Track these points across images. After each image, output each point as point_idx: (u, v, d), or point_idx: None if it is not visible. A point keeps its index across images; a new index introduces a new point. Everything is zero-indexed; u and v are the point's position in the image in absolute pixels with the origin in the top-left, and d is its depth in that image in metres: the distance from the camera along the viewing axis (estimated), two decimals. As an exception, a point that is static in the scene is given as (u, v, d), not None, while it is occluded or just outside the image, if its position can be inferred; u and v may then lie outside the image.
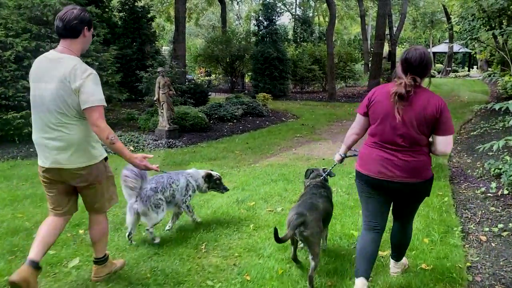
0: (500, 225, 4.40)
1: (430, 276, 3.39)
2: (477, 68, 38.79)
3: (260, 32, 20.43)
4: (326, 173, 3.88)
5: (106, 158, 3.13)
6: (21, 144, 8.33)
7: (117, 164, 5.03)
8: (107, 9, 17.29)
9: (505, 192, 5.28)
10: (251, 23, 34.71)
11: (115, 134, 2.92)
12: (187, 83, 16.72)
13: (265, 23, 20.37)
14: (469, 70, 37.25)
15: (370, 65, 22.28)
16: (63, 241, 4.06)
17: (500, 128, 9.42)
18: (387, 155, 2.88)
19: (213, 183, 4.50)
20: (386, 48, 29.64)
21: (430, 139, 2.91)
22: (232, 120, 11.86)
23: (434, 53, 42.43)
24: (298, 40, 32.55)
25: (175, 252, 3.83)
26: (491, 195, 5.36)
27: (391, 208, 3.18)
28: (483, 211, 4.89)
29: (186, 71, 26.50)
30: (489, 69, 23.63)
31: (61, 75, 2.79)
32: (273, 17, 20.47)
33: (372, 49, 22.43)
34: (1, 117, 8.15)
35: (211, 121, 11.50)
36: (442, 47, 38.43)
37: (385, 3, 18.48)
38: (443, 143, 2.83)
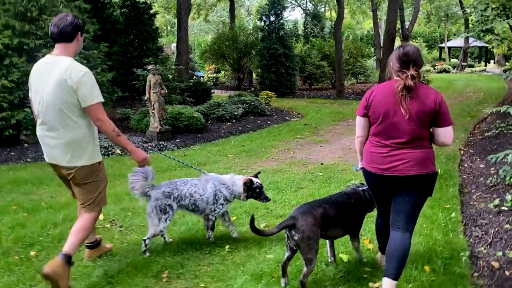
0: (516, 249, 3.77)
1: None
2: (494, 62, 37.57)
3: (266, 28, 19.76)
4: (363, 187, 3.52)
5: (100, 162, 3.31)
6: (1, 147, 7.87)
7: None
8: (108, 5, 16.87)
9: (522, 206, 4.63)
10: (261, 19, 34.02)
11: (118, 129, 3.22)
12: (191, 80, 16.17)
13: (272, 18, 19.69)
14: (485, 65, 36.03)
15: (381, 60, 21.48)
16: (7, 265, 3.56)
17: (518, 129, 8.70)
18: (391, 152, 2.90)
19: (253, 192, 3.98)
20: (398, 43, 28.75)
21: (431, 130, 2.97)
22: (231, 120, 11.26)
23: (449, 47, 41.27)
24: (308, 35, 31.79)
25: (131, 282, 3.30)
26: (506, 209, 4.70)
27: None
28: (496, 229, 4.26)
29: (195, 68, 26.03)
30: (507, 63, 22.65)
31: (58, 75, 2.99)
32: (280, 12, 19.79)
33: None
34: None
35: (209, 121, 10.94)
36: (458, 42, 37.26)
37: (396, -5, 17.67)
38: (444, 134, 2.91)
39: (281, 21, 19.89)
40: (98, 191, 3.29)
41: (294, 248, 3.11)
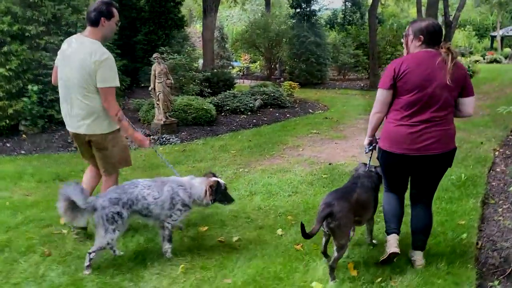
0: (540, 287, 2.95)
1: None
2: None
3: (297, 15, 18.85)
4: (368, 166, 3.56)
5: (119, 129, 3.65)
6: (-1, 138, 7.63)
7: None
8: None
9: (556, 227, 3.76)
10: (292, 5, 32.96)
11: (122, 113, 3.52)
12: (214, 70, 15.61)
13: (303, 4, 18.76)
14: (542, 55, 33.27)
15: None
16: None
17: None
18: (420, 130, 2.94)
19: (221, 195, 3.49)
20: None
21: None
22: (246, 112, 10.55)
23: (502, 36, 38.48)
24: (346, 23, 30.49)
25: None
26: (536, 229, 3.84)
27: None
28: (520, 257, 3.43)
29: (231, 57, 25.39)
30: None
31: (83, 55, 3.35)
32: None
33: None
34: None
35: (222, 114, 10.32)
36: (512, 30, 34.65)
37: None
38: (470, 104, 3.04)
39: (313, 8, 18.93)
40: (118, 154, 3.69)
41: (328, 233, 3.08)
